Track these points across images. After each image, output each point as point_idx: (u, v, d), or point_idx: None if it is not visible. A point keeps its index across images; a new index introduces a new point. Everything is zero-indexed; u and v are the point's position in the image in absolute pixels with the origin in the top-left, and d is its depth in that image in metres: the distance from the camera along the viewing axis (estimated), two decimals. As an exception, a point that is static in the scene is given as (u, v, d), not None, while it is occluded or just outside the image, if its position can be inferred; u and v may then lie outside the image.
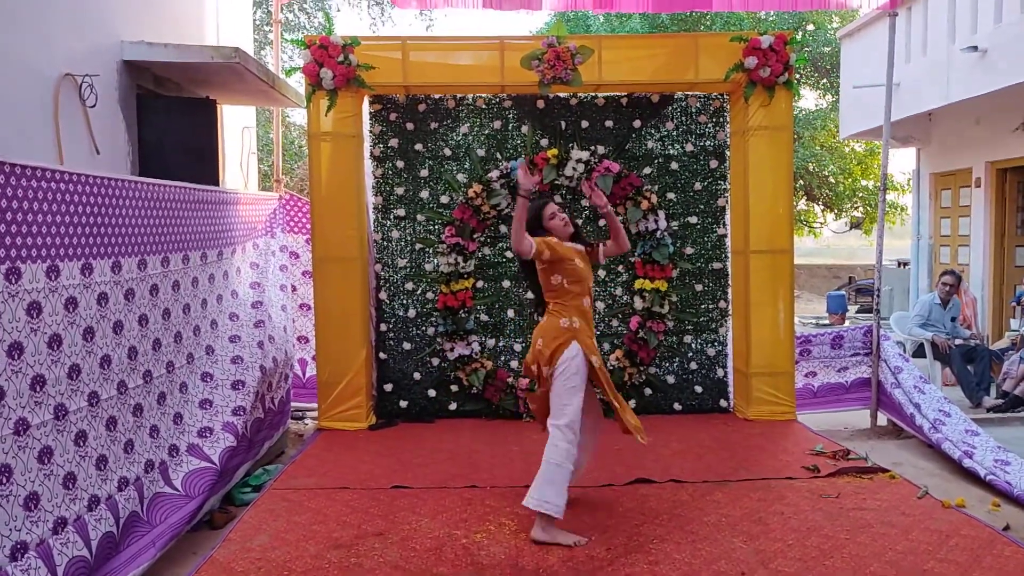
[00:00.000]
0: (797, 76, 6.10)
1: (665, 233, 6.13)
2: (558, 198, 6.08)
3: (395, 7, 6.65)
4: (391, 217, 6.16)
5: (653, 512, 4.03)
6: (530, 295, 6.17)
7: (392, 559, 3.50)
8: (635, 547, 3.60)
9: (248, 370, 4.89)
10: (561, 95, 6.12)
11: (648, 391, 6.21)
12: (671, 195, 6.20)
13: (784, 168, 5.90)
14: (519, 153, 6.12)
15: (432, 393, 6.15)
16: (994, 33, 8.08)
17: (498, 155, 6.14)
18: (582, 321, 3.90)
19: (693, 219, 6.21)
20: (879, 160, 7.30)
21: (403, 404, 6.12)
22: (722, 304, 6.25)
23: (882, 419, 6.15)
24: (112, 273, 3.60)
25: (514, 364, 6.19)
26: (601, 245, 4.19)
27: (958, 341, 7.29)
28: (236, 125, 8.15)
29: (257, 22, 13.25)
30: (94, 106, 5.25)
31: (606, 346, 6.22)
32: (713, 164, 6.21)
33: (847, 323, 12.92)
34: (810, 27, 17.56)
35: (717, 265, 6.24)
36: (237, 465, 4.66)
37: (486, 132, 6.15)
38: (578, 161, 6.04)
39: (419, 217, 6.16)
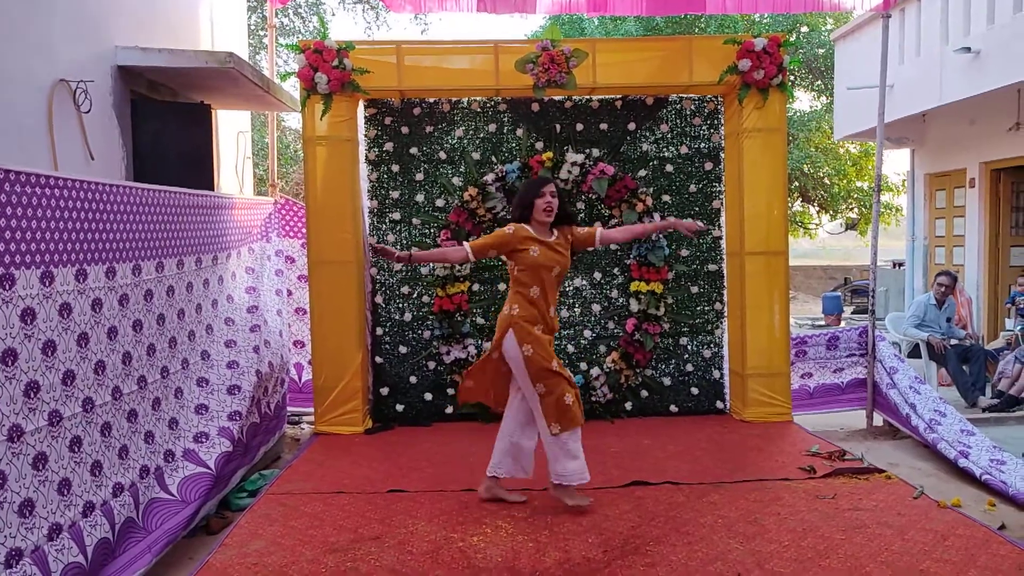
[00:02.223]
0: (791, 78, 6.12)
1: (660, 235, 6.14)
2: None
3: (389, 11, 6.65)
4: (386, 221, 6.17)
5: (649, 514, 4.04)
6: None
7: (389, 563, 3.50)
8: (631, 549, 3.60)
9: (244, 375, 4.89)
10: (556, 98, 6.13)
11: (644, 393, 6.22)
12: (666, 197, 6.21)
13: (779, 170, 5.91)
14: (514, 156, 6.13)
15: (428, 397, 6.15)
16: (987, 34, 8.12)
17: (493, 158, 6.15)
18: (524, 309, 4.05)
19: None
20: (874, 161, 7.35)
21: (399, 408, 6.12)
22: (718, 306, 6.26)
23: (878, 420, 6.16)
24: (106, 279, 3.59)
25: (510, 367, 6.19)
26: (599, 229, 4.30)
27: (953, 341, 7.30)
28: (231, 130, 8.15)
29: (252, 26, 13.27)
30: (88, 112, 5.25)
31: (602, 348, 6.23)
32: (708, 166, 6.23)
33: (843, 324, 12.94)
34: (804, 29, 17.61)
35: (712, 267, 6.25)
36: (233, 470, 4.65)
37: (481, 135, 6.16)
38: (573, 164, 6.05)
39: (414, 220, 6.16)
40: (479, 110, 6.16)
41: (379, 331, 6.16)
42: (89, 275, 3.44)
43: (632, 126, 6.18)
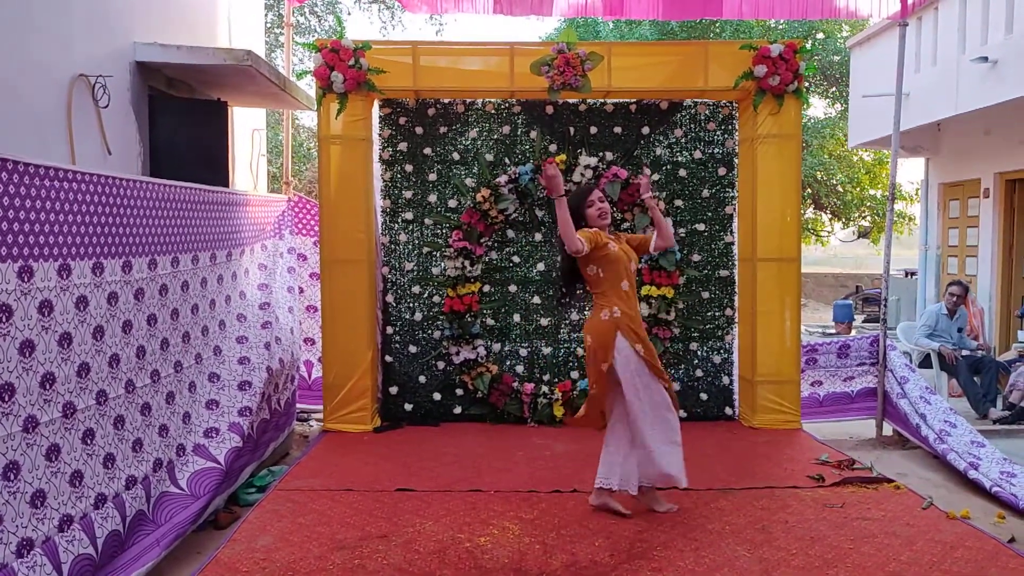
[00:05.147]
0: (806, 85, 6.11)
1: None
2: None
3: (405, 11, 6.67)
4: (399, 220, 6.19)
5: (657, 519, 4.03)
6: (537, 299, 6.21)
7: (396, 561, 3.51)
8: (638, 553, 3.61)
9: (255, 371, 4.91)
10: (570, 101, 6.13)
11: (653, 398, 6.20)
12: (679, 202, 6.20)
13: (792, 176, 5.90)
14: (527, 158, 6.14)
15: (437, 396, 6.16)
16: (1004, 44, 8.08)
17: (506, 160, 6.16)
18: (623, 307, 3.98)
19: (701, 226, 6.21)
20: (887, 169, 7.33)
21: (408, 407, 6.14)
22: (728, 312, 6.25)
23: (888, 429, 6.13)
24: (122, 272, 3.62)
25: (519, 369, 6.20)
26: (652, 235, 4.25)
27: (965, 352, 7.26)
28: (246, 127, 8.19)
29: (268, 25, 13.33)
30: (107, 107, 5.29)
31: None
32: (721, 172, 6.22)
33: (854, 332, 12.89)
34: (820, 36, 17.57)
35: (724, 273, 6.24)
36: (243, 466, 4.68)
37: (495, 137, 6.17)
38: (586, 167, 6.06)
39: (427, 221, 6.18)
40: (493, 111, 6.17)
41: (389, 330, 6.18)
42: (105, 269, 3.47)
43: (646, 130, 6.18)
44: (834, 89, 18.21)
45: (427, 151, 6.15)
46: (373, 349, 5.96)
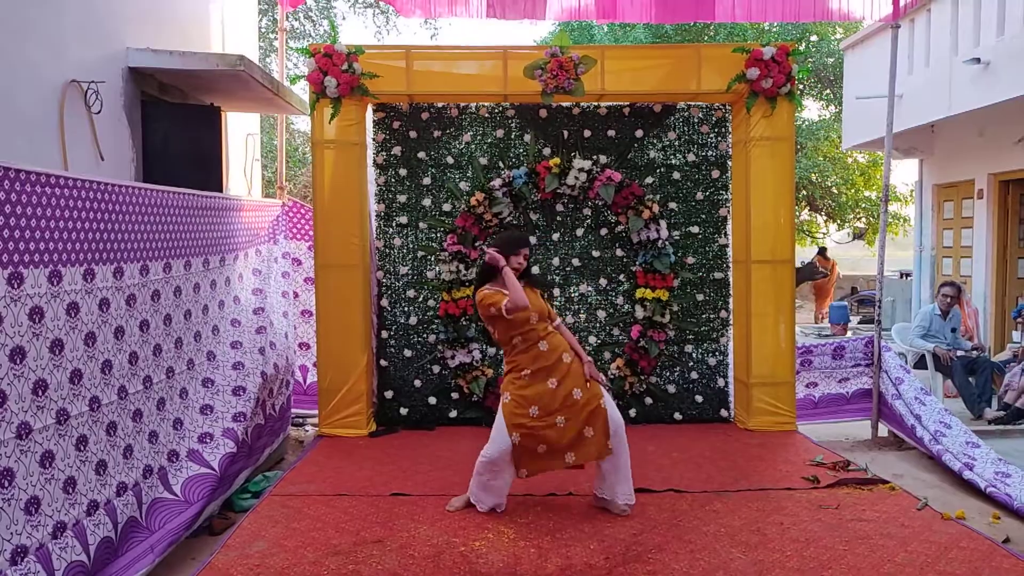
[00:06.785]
0: (800, 87, 6.13)
1: (666, 243, 6.14)
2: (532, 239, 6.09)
3: (399, 16, 6.69)
4: (393, 224, 6.18)
5: (652, 521, 4.03)
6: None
7: (391, 566, 3.50)
8: (633, 556, 3.60)
9: (249, 376, 4.90)
10: (564, 104, 6.14)
11: (648, 400, 6.21)
12: (673, 205, 6.21)
13: (786, 178, 5.91)
14: (521, 162, 6.14)
15: (432, 400, 6.15)
16: (996, 45, 8.11)
17: (500, 164, 6.16)
18: (512, 361, 4.12)
19: (695, 229, 6.22)
20: (882, 171, 7.32)
21: (403, 411, 6.13)
22: (723, 314, 6.26)
23: (883, 430, 6.14)
24: (114, 278, 3.61)
25: (515, 372, 6.19)
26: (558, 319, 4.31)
27: (960, 353, 7.28)
28: (240, 132, 8.19)
29: (262, 29, 13.33)
30: (99, 113, 5.29)
31: (607, 355, 6.22)
32: (715, 174, 6.23)
33: (849, 334, 12.91)
34: (813, 38, 17.61)
35: (718, 275, 6.25)
36: (237, 471, 4.66)
37: (489, 141, 6.18)
38: (580, 170, 6.06)
39: (421, 225, 6.18)
40: (487, 115, 6.18)
41: (384, 334, 6.17)
42: (97, 275, 3.46)
43: (640, 133, 6.18)
44: (828, 91, 18.24)
45: (421, 155, 6.15)
46: (368, 353, 5.95)
